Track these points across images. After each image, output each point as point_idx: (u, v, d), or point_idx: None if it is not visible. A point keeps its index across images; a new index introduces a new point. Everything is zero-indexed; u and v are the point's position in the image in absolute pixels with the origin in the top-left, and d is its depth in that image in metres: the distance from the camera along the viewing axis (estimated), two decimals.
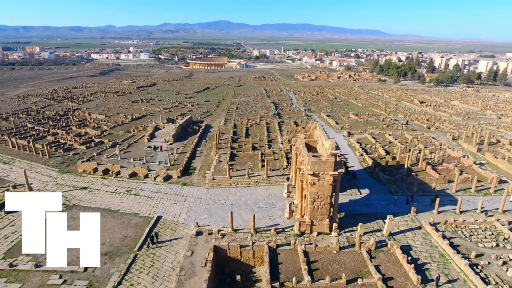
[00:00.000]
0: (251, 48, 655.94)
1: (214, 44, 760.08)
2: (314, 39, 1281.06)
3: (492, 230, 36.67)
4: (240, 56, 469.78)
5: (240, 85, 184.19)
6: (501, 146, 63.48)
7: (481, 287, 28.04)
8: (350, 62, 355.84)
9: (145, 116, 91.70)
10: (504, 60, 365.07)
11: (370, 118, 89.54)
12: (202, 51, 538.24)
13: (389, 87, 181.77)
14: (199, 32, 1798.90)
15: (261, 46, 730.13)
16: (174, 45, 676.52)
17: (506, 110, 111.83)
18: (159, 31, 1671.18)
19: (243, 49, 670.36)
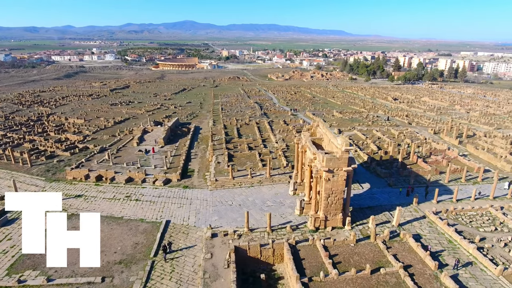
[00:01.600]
0: (220, 49, 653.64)
1: (181, 44, 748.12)
2: (281, 39, 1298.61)
3: (488, 215, 39.66)
4: (210, 57, 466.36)
5: (216, 86, 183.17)
6: (479, 138, 68.57)
7: (492, 268, 30.38)
8: (320, 61, 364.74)
9: (128, 119, 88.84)
10: (460, 58, 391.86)
11: (354, 116, 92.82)
12: (170, 52, 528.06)
13: (361, 85, 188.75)
14: (164, 32, 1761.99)
15: (229, 46, 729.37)
16: (140, 46, 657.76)
17: (472, 104, 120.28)
18: (122, 31, 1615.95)
19: (212, 49, 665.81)
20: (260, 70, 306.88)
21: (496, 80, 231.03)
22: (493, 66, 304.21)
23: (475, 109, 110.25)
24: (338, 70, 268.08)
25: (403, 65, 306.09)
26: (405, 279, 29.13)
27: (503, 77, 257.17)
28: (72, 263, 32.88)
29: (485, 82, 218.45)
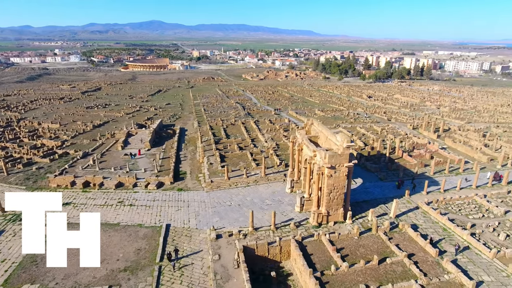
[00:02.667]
0: (190, 49, 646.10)
1: (150, 45, 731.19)
2: (251, 39, 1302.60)
3: (474, 203, 42.42)
4: (181, 57, 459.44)
5: (192, 87, 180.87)
6: (454, 132, 72.93)
7: (486, 252, 32.63)
8: (292, 61, 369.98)
9: (107, 123, 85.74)
10: (423, 57, 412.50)
11: (336, 113, 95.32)
12: (139, 52, 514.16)
13: (335, 84, 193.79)
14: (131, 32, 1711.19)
15: (199, 46, 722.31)
16: (106, 47, 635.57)
17: (440, 101, 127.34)
18: (85, 31, 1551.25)
19: (182, 50, 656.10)
20: (234, 70, 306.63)
21: (458, 77, 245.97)
22: (454, 64, 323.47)
23: (444, 105, 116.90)
24: (311, 70, 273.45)
25: (372, 64, 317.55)
26: (411, 267, 30.61)
27: (463, 74, 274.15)
28: (73, 274, 31.85)
29: (448, 79, 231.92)
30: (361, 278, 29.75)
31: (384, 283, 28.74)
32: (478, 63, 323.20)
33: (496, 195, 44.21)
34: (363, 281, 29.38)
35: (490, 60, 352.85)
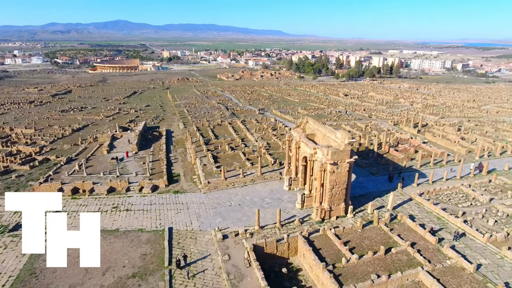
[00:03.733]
0: (160, 50, 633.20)
1: (117, 45, 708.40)
2: (221, 39, 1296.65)
3: (461, 193, 45.29)
4: (151, 58, 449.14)
5: (167, 88, 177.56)
6: (432, 127, 77.08)
7: (480, 237, 35.03)
8: (265, 61, 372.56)
9: (86, 126, 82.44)
10: (389, 56, 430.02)
11: (318, 112, 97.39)
12: (106, 53, 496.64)
13: (310, 83, 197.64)
14: (95, 32, 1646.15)
15: (169, 47, 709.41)
16: (69, 47, 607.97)
17: (412, 97, 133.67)
18: (46, 31, 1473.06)
19: (151, 50, 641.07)
20: (208, 71, 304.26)
21: (424, 75, 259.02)
22: (419, 63, 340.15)
23: (417, 101, 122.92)
24: (285, 69, 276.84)
25: (343, 64, 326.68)
26: (415, 255, 32.26)
27: (428, 72, 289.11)
28: (79, 284, 30.71)
29: (416, 77, 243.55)
30: (371, 269, 30.97)
31: (393, 272, 30.10)
32: (441, 61, 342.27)
33: (479, 184, 47.45)
34: (373, 271, 30.61)
35: (451, 59, 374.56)
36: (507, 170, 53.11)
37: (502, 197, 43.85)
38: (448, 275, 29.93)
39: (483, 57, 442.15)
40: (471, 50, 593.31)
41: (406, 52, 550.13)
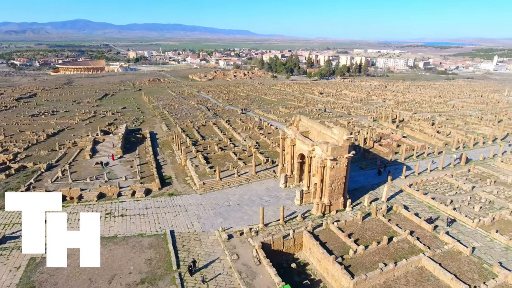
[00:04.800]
0: (124, 50, 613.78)
1: (78, 46, 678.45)
2: (188, 39, 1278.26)
3: (446, 183, 48.27)
4: (117, 59, 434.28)
5: (139, 90, 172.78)
6: (408, 122, 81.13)
7: (469, 222, 37.65)
8: (237, 61, 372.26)
9: (62, 131, 78.44)
10: (355, 55, 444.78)
11: (299, 110, 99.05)
12: (68, 54, 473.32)
13: (284, 82, 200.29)
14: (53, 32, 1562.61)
15: (134, 47, 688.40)
16: (25, 48, 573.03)
17: (384, 94, 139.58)
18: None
19: (116, 51, 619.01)
20: (179, 71, 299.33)
21: (390, 73, 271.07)
22: (384, 61, 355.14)
23: (388, 98, 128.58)
24: (257, 69, 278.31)
25: (314, 63, 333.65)
26: (415, 242, 34.11)
27: (394, 70, 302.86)
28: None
29: (382, 75, 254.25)
30: (377, 258, 32.36)
31: (398, 260, 31.66)
32: (404, 60, 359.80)
33: (460, 174, 50.82)
34: (380, 260, 32.01)
35: (412, 57, 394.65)
36: (482, 160, 57.24)
37: (482, 185, 47.31)
38: (447, 259, 31.98)
39: (441, 55, 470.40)
40: (429, 49, 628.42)
41: (370, 51, 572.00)
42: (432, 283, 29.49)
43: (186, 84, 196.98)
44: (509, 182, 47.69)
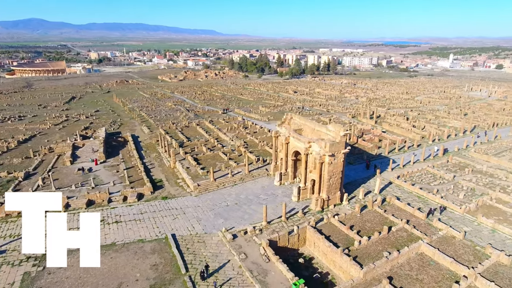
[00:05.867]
0: (85, 50, 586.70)
1: (33, 46, 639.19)
2: (152, 39, 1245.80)
3: (429, 174, 51.29)
4: (78, 60, 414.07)
5: (108, 92, 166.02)
6: (385, 118, 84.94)
7: (457, 209, 40.39)
8: (205, 61, 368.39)
9: (34, 137, 73.71)
10: (321, 54, 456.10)
11: (279, 109, 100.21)
12: (23, 55, 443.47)
13: (256, 81, 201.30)
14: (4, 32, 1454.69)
15: (95, 47, 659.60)
16: None
17: (355, 92, 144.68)
18: None
19: (75, 51, 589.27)
20: (146, 72, 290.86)
21: (356, 71, 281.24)
22: (350, 60, 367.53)
23: (360, 95, 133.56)
24: (227, 69, 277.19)
25: (283, 62, 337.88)
26: (412, 230, 36.07)
27: (359, 68, 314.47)
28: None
29: (350, 73, 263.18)
30: (380, 247, 33.85)
31: (400, 247, 33.34)
32: (368, 58, 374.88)
33: (441, 165, 54.22)
34: (383, 249, 33.52)
35: (375, 56, 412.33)
36: (457, 151, 61.40)
37: (461, 174, 50.83)
38: (444, 244, 34.15)
39: (401, 53, 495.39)
40: (390, 48, 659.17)
41: (335, 50, 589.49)
42: (433, 267, 31.38)
43: (157, 85, 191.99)
44: (485, 170, 51.64)
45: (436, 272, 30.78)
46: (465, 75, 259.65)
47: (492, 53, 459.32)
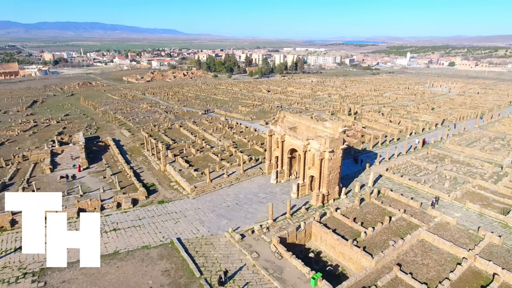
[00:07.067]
0: (37, 51, 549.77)
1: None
2: (110, 39, 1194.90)
3: (414, 165, 54.42)
4: (31, 61, 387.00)
5: (72, 94, 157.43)
6: (362, 114, 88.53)
7: (445, 196, 43.35)
8: (170, 61, 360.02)
9: (2, 144, 68.15)
10: (286, 53, 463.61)
11: (260, 108, 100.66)
12: None
13: (227, 81, 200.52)
14: None
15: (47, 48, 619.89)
16: None
17: (327, 90, 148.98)
18: None
19: (26, 52, 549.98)
20: (109, 73, 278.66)
21: (322, 70, 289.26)
22: (314, 59, 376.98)
23: (332, 93, 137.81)
24: (195, 69, 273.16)
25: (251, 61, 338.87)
26: (411, 219, 38.24)
27: (325, 67, 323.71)
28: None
29: (316, 72, 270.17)
30: (385, 237, 35.56)
31: (403, 235, 35.28)
32: (332, 57, 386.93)
33: (422, 157, 57.76)
34: (388, 238, 35.26)
35: (338, 55, 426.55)
36: (433, 143, 65.65)
37: (442, 164, 54.49)
38: (441, 230, 36.60)
39: (361, 52, 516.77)
40: (350, 47, 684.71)
41: (299, 49, 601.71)
42: (435, 251, 33.56)
43: (124, 87, 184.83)
44: (461, 160, 55.79)
45: (439, 256, 32.95)
46: (422, 72, 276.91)
47: (443, 51, 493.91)
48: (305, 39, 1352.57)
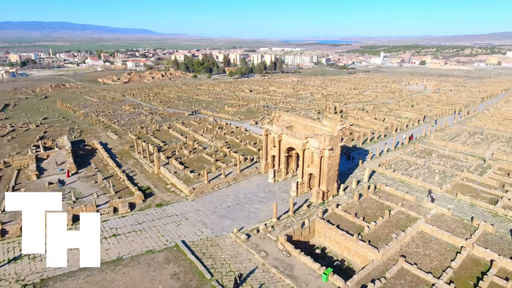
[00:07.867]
0: (2, 52, 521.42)
1: None
2: (80, 39, 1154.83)
3: (403, 160, 56.44)
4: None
5: (45, 97, 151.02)
6: (348, 112, 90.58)
7: (438, 189, 45.32)
8: (146, 61, 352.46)
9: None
10: (262, 53, 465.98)
11: (247, 108, 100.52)
12: None
13: (207, 82, 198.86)
14: None
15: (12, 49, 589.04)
16: None
17: (309, 89, 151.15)
18: None
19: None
20: (83, 75, 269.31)
21: (300, 69, 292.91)
22: (292, 58, 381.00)
23: (314, 92, 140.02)
24: (173, 69, 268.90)
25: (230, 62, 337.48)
26: (409, 212, 39.72)
27: (302, 67, 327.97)
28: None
29: (295, 71, 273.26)
30: (387, 230, 36.74)
31: (403, 228, 36.61)
32: (309, 57, 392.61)
33: (410, 152, 59.99)
34: (390, 231, 36.45)
35: (314, 54, 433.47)
36: (418, 139, 68.36)
37: (429, 159, 56.86)
38: (437, 221, 38.27)
39: (336, 52, 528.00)
40: (324, 47, 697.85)
41: (275, 49, 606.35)
42: (435, 242, 35.07)
43: (101, 88, 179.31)
44: (447, 154, 58.47)
45: (438, 246, 34.46)
46: (396, 70, 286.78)
47: (414, 50, 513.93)
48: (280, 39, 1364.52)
